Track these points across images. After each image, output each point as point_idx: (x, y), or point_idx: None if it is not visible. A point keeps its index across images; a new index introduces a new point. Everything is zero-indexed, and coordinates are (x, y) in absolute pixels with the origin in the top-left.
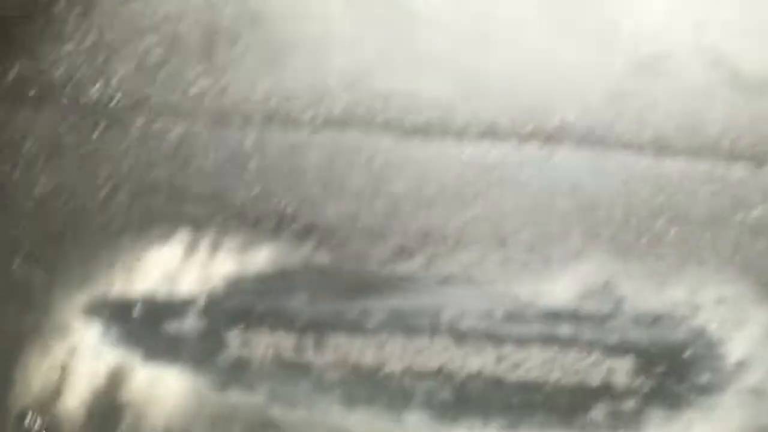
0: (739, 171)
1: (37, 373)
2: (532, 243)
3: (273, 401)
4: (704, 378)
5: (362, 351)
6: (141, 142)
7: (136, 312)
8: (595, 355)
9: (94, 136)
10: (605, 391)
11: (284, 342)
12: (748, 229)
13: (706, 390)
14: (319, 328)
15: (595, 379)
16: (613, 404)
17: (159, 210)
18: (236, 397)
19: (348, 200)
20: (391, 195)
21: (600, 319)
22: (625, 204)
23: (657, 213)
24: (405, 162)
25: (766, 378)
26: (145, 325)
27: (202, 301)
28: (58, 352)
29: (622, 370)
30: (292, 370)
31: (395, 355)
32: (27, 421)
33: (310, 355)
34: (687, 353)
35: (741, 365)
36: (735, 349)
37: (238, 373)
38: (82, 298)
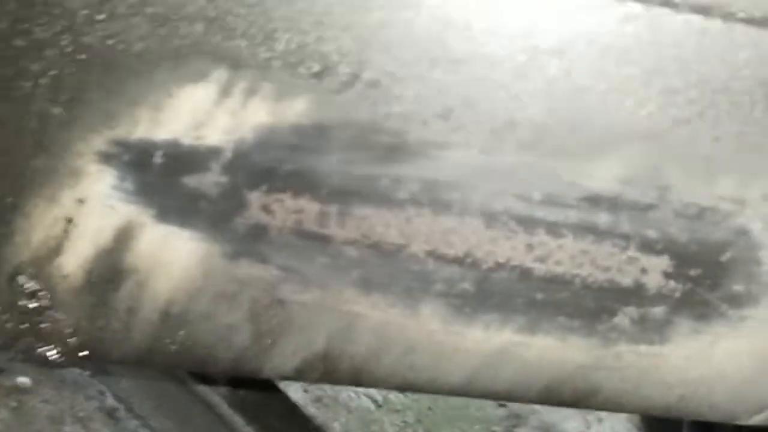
0: None
1: (39, 225)
2: (581, 118)
3: (284, 278)
4: (739, 286)
5: (387, 226)
6: None
7: (156, 160)
8: (630, 251)
9: None
10: (635, 293)
11: (307, 209)
12: None
13: (738, 300)
14: (346, 196)
15: (626, 278)
16: (641, 310)
17: (197, 42)
18: (246, 271)
19: (397, 56)
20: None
21: (641, 209)
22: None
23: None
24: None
25: None
26: (164, 177)
27: (228, 153)
28: (65, 202)
29: (655, 271)
30: (310, 242)
31: (421, 233)
32: (20, 280)
33: (332, 226)
34: (725, 255)
35: None
36: None
37: (253, 241)
38: (99, 140)
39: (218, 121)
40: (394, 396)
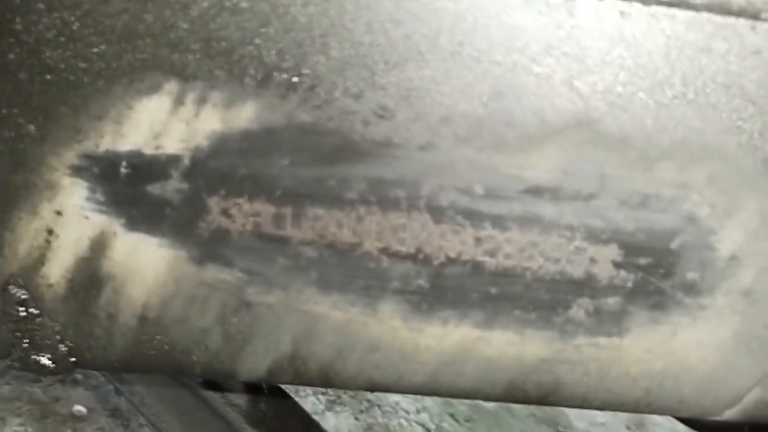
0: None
1: (24, 237)
2: (514, 108)
3: (249, 281)
4: (693, 274)
5: (340, 226)
6: None
7: (122, 170)
8: (576, 242)
9: None
10: (587, 284)
11: (263, 212)
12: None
13: (694, 289)
14: (298, 197)
15: (576, 269)
16: (595, 301)
17: (147, 57)
18: (213, 275)
19: (335, 54)
20: (380, 47)
21: (584, 199)
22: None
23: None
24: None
25: (760, 279)
26: (130, 187)
27: (186, 161)
28: (45, 214)
29: (605, 261)
30: (270, 244)
31: (372, 231)
32: (11, 290)
33: (289, 228)
34: (675, 242)
35: (733, 260)
36: (727, 240)
37: (217, 245)
38: (70, 154)
39: (174, 130)
40: (447, 424)
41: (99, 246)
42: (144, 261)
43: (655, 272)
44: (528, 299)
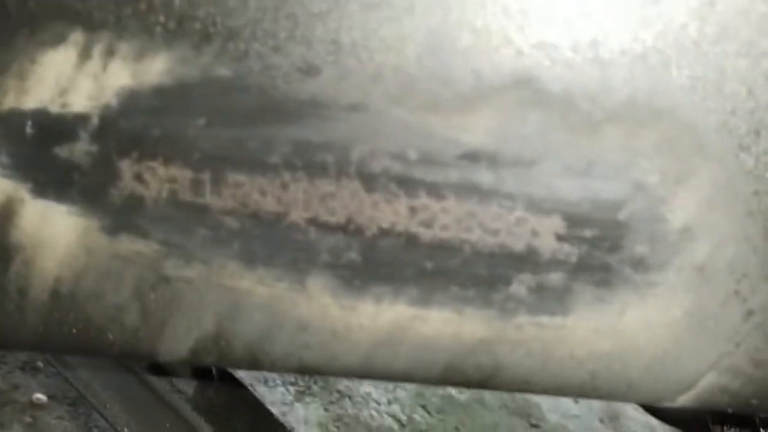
0: None
1: None
2: (451, 65)
3: (167, 253)
4: (642, 248)
5: (263, 193)
6: None
7: (27, 130)
8: (517, 212)
9: None
10: (528, 259)
11: (180, 177)
12: None
13: (643, 264)
14: (217, 162)
15: (517, 242)
16: (537, 277)
17: (51, 5)
18: (127, 246)
19: (253, 2)
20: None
21: (524, 165)
22: None
23: None
24: None
25: (715, 254)
26: (36, 148)
27: (95, 120)
28: None
29: (547, 233)
30: (188, 213)
31: (299, 200)
32: None
33: (208, 195)
34: (622, 213)
35: (685, 233)
36: (679, 210)
37: (130, 214)
38: None
39: (81, 85)
40: (419, 416)
41: (6, 214)
42: (54, 230)
43: (600, 246)
44: (466, 275)
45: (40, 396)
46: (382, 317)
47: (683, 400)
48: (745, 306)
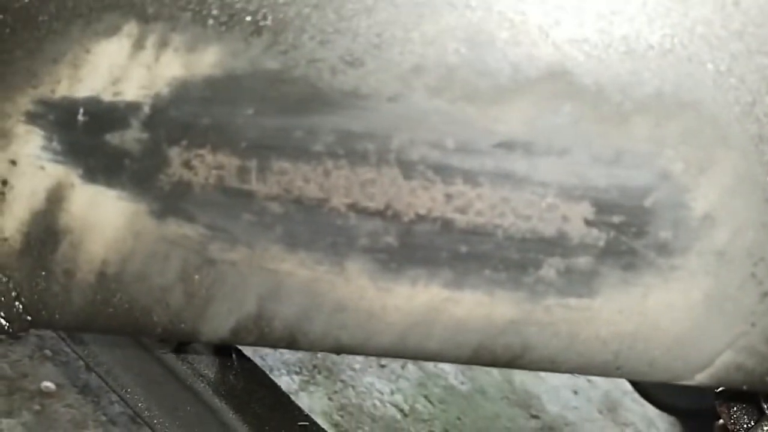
0: None
1: None
2: (487, 57)
3: (212, 237)
4: (666, 234)
5: (306, 180)
6: None
7: (80, 118)
8: (549, 198)
9: None
10: (558, 243)
11: (227, 165)
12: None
13: (667, 249)
14: (263, 150)
15: (548, 228)
16: (566, 261)
17: None
18: (174, 230)
19: (302, 1)
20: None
21: (557, 154)
22: None
23: None
24: None
25: (734, 239)
26: (88, 135)
27: (146, 109)
28: None
29: (577, 218)
30: (234, 199)
31: (340, 186)
32: None
33: (253, 182)
34: (649, 200)
35: (707, 220)
36: (701, 198)
37: (178, 199)
38: (25, 100)
39: (134, 75)
40: (421, 406)
41: (56, 198)
42: (102, 215)
43: (627, 231)
44: (498, 258)
45: (48, 384)
46: (417, 299)
47: (700, 378)
48: (761, 288)
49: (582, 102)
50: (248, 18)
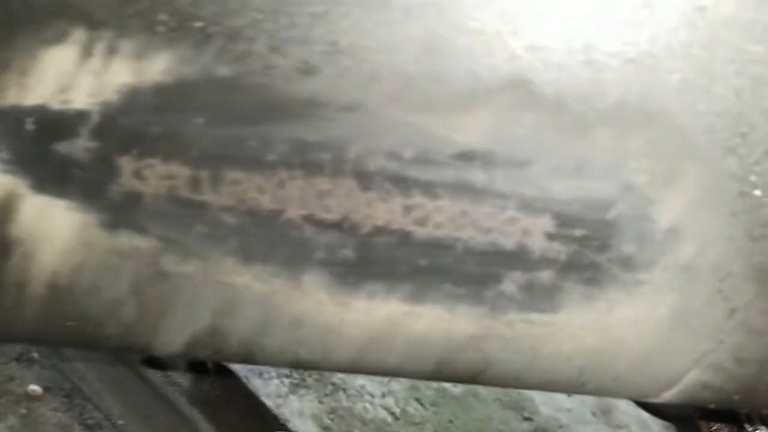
0: None
1: None
2: (446, 66)
3: (165, 249)
4: (630, 247)
5: (260, 191)
6: None
7: (28, 126)
8: (509, 211)
9: None
10: (519, 257)
11: (179, 175)
12: None
13: (631, 263)
14: (216, 159)
15: (508, 241)
16: (527, 275)
17: (53, 3)
18: (126, 242)
19: (254, 3)
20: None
21: (517, 165)
22: None
23: None
24: None
25: (700, 253)
26: (37, 144)
27: (95, 117)
28: None
29: (538, 232)
30: (186, 210)
31: (295, 197)
32: None
33: (206, 192)
34: (611, 213)
35: (672, 233)
36: (666, 211)
37: (129, 210)
38: None
39: (83, 83)
40: (412, 409)
41: (5, 209)
42: (53, 225)
43: (589, 245)
44: (458, 272)
45: (35, 387)
46: (375, 314)
47: (667, 396)
48: (728, 304)
49: (543, 112)
50: (199, 24)
